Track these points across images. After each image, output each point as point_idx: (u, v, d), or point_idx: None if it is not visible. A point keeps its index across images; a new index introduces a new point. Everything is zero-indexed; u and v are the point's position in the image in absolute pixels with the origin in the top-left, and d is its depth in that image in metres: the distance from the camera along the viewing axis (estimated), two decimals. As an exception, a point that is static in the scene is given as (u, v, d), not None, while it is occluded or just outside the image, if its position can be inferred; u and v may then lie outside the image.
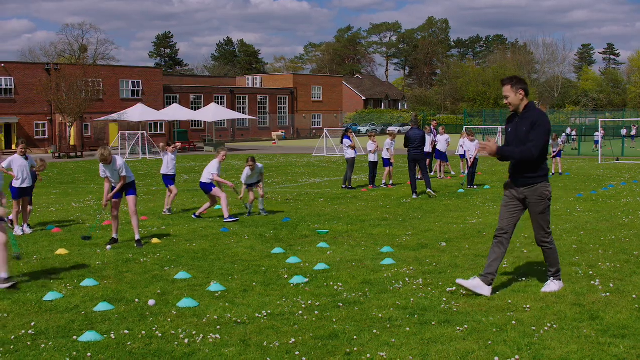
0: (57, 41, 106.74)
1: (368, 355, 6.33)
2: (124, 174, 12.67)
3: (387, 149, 23.55)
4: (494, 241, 8.53)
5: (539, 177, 8.27)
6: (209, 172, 15.94)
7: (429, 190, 19.77)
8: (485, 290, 8.37)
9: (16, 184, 14.49)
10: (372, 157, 23.23)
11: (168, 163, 17.46)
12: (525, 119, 8.22)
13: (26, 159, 14.67)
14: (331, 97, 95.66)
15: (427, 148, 23.91)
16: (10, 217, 14.92)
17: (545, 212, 8.40)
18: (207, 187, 15.99)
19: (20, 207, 14.60)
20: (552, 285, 8.60)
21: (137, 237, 12.64)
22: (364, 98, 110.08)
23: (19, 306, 8.44)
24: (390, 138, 23.83)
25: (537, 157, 8.14)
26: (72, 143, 56.88)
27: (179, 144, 19.48)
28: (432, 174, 26.68)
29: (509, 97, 8.33)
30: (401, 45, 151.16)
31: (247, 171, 16.13)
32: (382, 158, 23.54)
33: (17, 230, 14.22)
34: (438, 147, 26.42)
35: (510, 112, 8.49)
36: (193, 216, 16.13)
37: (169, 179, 17.43)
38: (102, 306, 8.20)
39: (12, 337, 7.13)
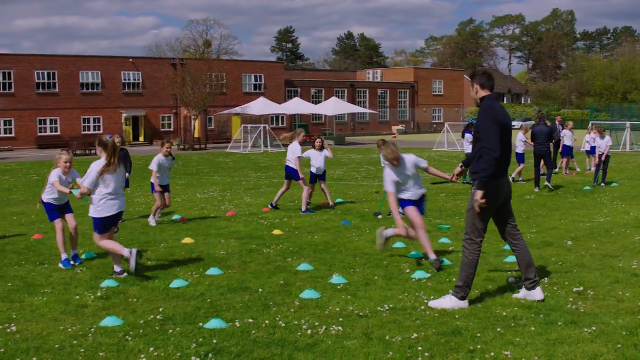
0: (182, 36, 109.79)
1: (492, 354, 6.23)
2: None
3: (524, 141, 22.71)
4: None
5: (477, 173, 7.74)
6: (293, 154, 15.95)
7: (546, 183, 19.85)
8: (536, 294, 7.97)
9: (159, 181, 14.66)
10: None
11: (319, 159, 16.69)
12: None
13: (172, 158, 14.93)
14: (452, 91, 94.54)
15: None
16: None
17: (472, 212, 7.77)
18: (293, 173, 16.04)
19: (164, 201, 14.72)
20: (445, 301, 7.79)
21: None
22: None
23: (147, 292, 8.73)
24: (523, 132, 23.04)
25: (499, 155, 7.57)
26: (196, 135, 58.35)
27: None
28: (556, 170, 25.98)
29: (471, 93, 8.04)
30: (524, 38, 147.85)
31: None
32: (516, 153, 22.80)
33: (152, 221, 14.59)
34: (565, 142, 25.52)
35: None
36: (269, 205, 16.42)
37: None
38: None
39: (142, 322, 7.39)
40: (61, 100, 59.81)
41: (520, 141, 22.68)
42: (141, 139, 63.98)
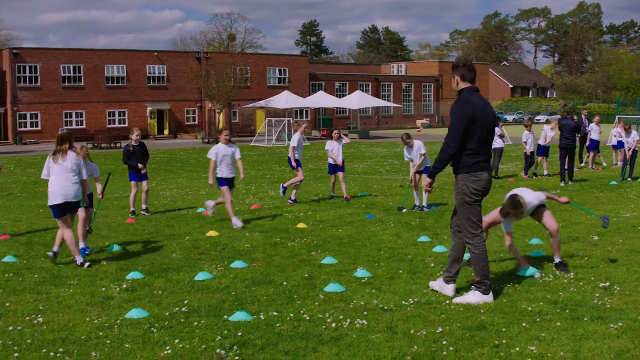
0: (207, 30, 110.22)
1: (517, 349, 6.20)
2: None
3: (552, 136, 22.48)
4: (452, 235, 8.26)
5: (460, 168, 7.85)
6: (291, 145, 16.47)
7: (569, 181, 20.04)
8: (448, 289, 8.04)
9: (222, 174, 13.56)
10: (529, 147, 22.32)
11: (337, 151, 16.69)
12: None
13: (233, 145, 13.75)
14: (477, 85, 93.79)
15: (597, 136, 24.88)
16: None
17: (463, 208, 7.87)
18: (289, 162, 16.58)
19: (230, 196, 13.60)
20: (469, 296, 7.78)
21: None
22: (510, 86, 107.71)
23: (172, 284, 8.78)
24: (551, 126, 22.77)
25: (455, 152, 7.74)
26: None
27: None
28: (582, 164, 25.77)
29: (452, 84, 8.10)
30: (550, 31, 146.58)
31: (405, 150, 15.32)
32: (538, 146, 22.58)
33: (236, 223, 13.23)
34: (592, 136, 25.21)
35: None
36: (289, 200, 16.56)
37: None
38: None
39: (167, 314, 7.43)
40: (87, 94, 60.14)
41: (549, 136, 22.42)
42: (166, 132, 64.17)
